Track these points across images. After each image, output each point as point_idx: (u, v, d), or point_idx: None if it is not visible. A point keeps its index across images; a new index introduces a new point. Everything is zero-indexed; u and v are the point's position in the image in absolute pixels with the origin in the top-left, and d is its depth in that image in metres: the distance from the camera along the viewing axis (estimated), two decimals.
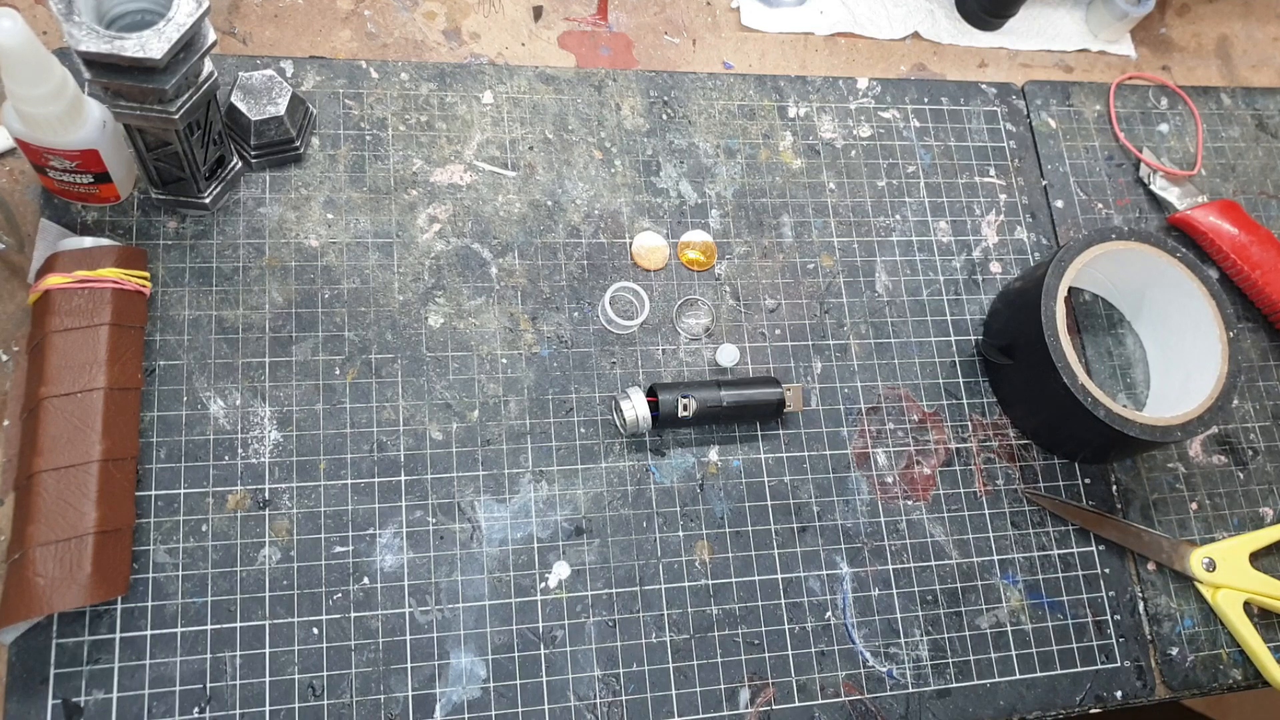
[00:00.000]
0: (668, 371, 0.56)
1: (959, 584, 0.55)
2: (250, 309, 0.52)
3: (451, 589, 0.49)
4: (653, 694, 0.50)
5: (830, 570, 0.54)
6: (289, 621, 0.47)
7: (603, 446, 0.54)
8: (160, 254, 0.52)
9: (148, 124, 0.45)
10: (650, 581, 0.52)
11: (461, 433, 0.52)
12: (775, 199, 0.61)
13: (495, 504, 0.51)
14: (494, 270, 0.56)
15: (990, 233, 0.64)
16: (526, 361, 0.54)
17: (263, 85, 0.53)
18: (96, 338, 0.46)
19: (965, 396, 0.60)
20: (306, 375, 0.52)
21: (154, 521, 0.47)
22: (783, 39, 0.67)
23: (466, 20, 0.62)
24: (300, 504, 0.49)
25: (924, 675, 0.53)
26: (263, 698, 0.46)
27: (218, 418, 0.50)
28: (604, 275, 0.57)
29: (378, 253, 0.55)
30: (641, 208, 0.59)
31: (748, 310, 0.58)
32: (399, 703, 0.47)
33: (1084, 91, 0.70)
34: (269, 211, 0.54)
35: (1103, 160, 0.68)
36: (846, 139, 0.64)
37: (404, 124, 0.57)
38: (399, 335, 0.53)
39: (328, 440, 0.51)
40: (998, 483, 0.58)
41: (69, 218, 0.51)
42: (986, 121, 0.67)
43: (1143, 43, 0.73)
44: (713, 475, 0.55)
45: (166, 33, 0.41)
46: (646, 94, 0.62)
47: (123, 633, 0.46)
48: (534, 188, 0.58)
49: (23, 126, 0.45)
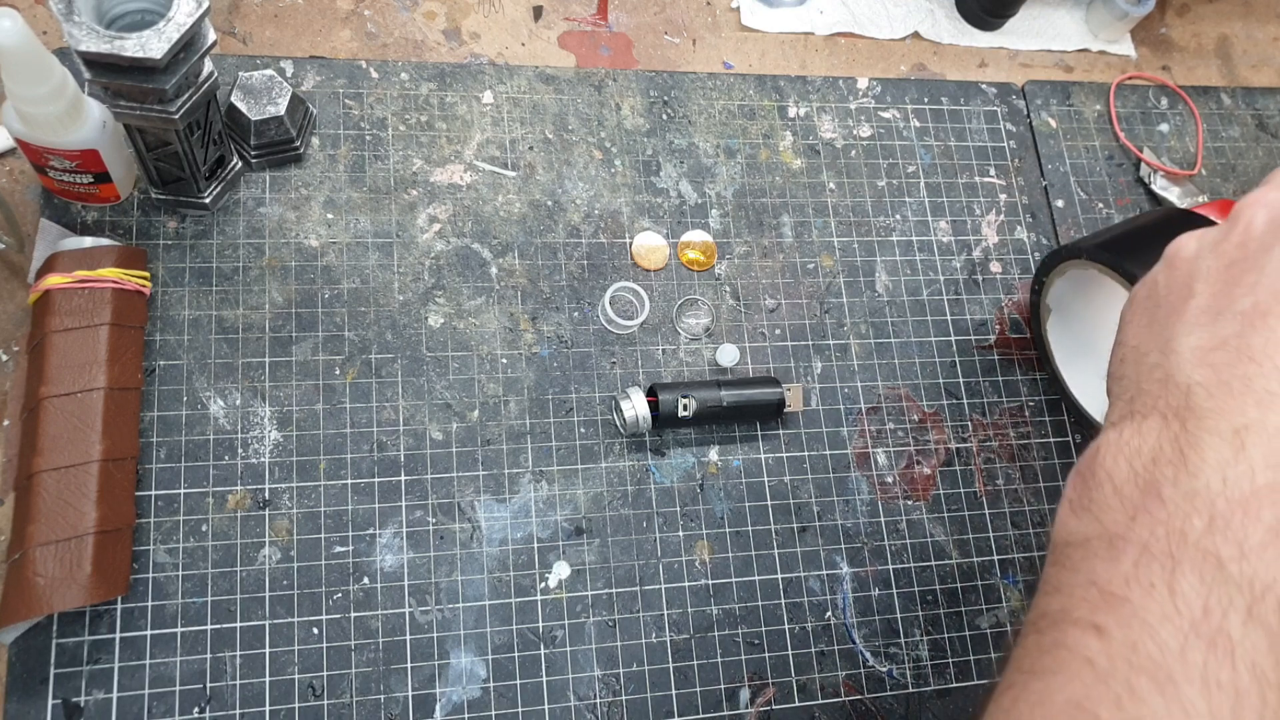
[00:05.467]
0: (668, 371, 0.56)
1: (959, 584, 0.55)
2: (250, 309, 0.52)
3: (451, 589, 0.49)
4: (653, 694, 0.50)
5: (830, 570, 0.54)
6: (289, 621, 0.47)
7: (603, 446, 0.54)
8: (160, 254, 0.52)
9: (148, 124, 0.45)
10: (650, 581, 0.52)
11: (461, 433, 0.52)
12: (775, 199, 0.61)
13: (495, 504, 0.51)
14: (494, 270, 0.56)
15: (990, 233, 0.64)
16: (526, 361, 0.54)
17: (263, 85, 0.53)
18: (96, 338, 0.46)
19: (965, 396, 0.60)
20: (306, 375, 0.52)
21: (154, 521, 0.47)
22: (783, 39, 0.67)
23: (466, 20, 0.62)
24: (300, 504, 0.49)
25: (924, 675, 0.53)
26: (263, 698, 0.46)
27: (218, 418, 0.50)
28: (604, 275, 0.57)
29: (378, 253, 0.55)
30: (641, 208, 0.59)
31: (748, 310, 0.58)
32: (399, 703, 0.47)
33: (1084, 91, 0.70)
34: (269, 211, 0.54)
35: (1103, 160, 0.68)
36: (846, 139, 0.64)
37: (404, 124, 0.57)
38: (399, 335, 0.53)
39: (328, 440, 0.51)
40: (998, 483, 0.58)
41: (69, 218, 0.51)
42: (986, 121, 0.67)
43: (1143, 43, 0.73)
44: (713, 475, 0.55)
45: (166, 33, 0.41)
46: (646, 94, 0.62)
47: (123, 633, 0.46)
48: (534, 188, 0.58)
49: (23, 126, 0.45)
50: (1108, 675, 0.29)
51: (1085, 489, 0.34)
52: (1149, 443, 0.33)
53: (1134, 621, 0.30)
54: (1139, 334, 0.37)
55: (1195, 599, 0.29)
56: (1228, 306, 0.34)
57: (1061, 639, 0.31)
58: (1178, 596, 0.29)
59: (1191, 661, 0.28)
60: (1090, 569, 0.32)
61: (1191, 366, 0.34)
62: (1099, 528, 0.33)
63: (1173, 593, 0.30)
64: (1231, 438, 0.31)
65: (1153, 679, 0.28)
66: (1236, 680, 0.28)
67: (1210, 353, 0.33)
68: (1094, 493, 0.34)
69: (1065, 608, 0.32)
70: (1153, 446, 0.33)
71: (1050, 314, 0.59)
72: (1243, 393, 0.32)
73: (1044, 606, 0.33)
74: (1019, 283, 0.63)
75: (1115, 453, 0.34)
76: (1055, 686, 0.30)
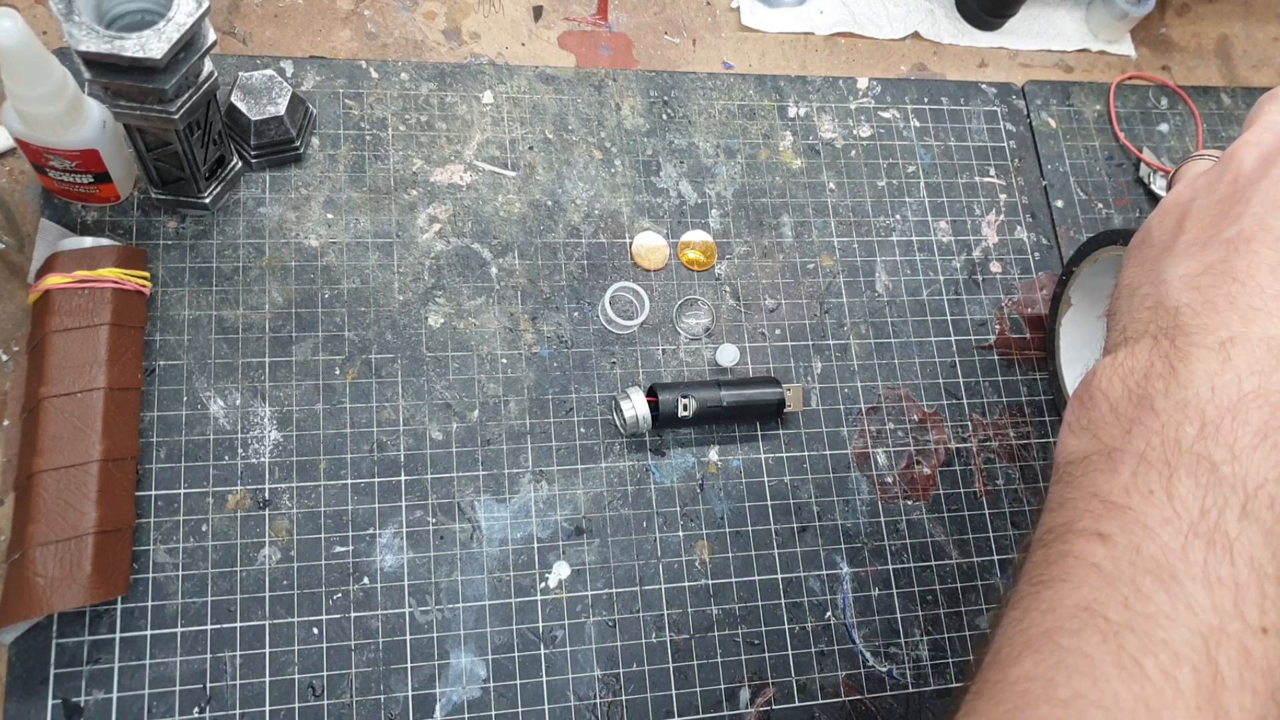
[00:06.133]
0: (668, 371, 0.56)
1: (959, 584, 0.55)
2: (250, 309, 0.52)
3: (451, 589, 0.49)
4: (653, 694, 0.50)
5: (830, 570, 0.54)
6: (289, 621, 0.47)
7: (603, 446, 0.54)
8: (160, 254, 0.52)
9: (148, 124, 0.45)
10: (650, 581, 0.52)
11: (461, 433, 0.52)
12: (775, 199, 0.61)
13: (495, 504, 0.51)
14: (494, 270, 0.56)
15: (990, 233, 0.64)
16: (526, 361, 0.54)
17: (263, 85, 0.53)
18: (96, 338, 0.46)
19: (965, 396, 0.60)
20: (306, 375, 0.52)
21: (154, 521, 0.47)
22: (783, 39, 0.67)
23: (466, 20, 0.62)
24: (300, 504, 0.49)
25: (924, 675, 0.53)
26: (263, 698, 0.46)
27: (218, 418, 0.50)
28: (604, 275, 0.57)
29: (378, 253, 0.55)
30: (641, 208, 0.59)
31: (748, 310, 0.58)
32: (399, 703, 0.47)
33: (1084, 91, 0.70)
34: (269, 211, 0.54)
35: (1103, 160, 0.68)
36: (846, 139, 0.64)
37: (404, 124, 0.57)
38: (399, 335, 0.53)
39: (328, 440, 0.51)
40: (998, 483, 0.58)
41: (69, 218, 0.51)
42: (986, 121, 0.67)
43: (1143, 43, 0.73)
44: (713, 475, 0.55)
45: (166, 33, 0.41)
46: (646, 94, 0.62)
47: (123, 633, 0.46)
48: (534, 188, 0.58)
49: (23, 126, 0.45)
50: (1113, 578, 0.30)
51: (1083, 410, 0.36)
52: (1141, 362, 0.35)
53: (1136, 526, 0.31)
54: (1133, 273, 0.39)
55: (1192, 501, 0.31)
56: (1215, 236, 0.36)
57: (1068, 549, 0.32)
58: (1175, 500, 0.31)
59: (1192, 560, 0.30)
60: (1091, 482, 0.33)
61: (1179, 291, 0.35)
62: (1098, 444, 0.34)
63: (1171, 497, 0.31)
64: (1218, 350, 0.33)
65: (1157, 578, 0.30)
66: (1235, 574, 0.29)
67: (1197, 278, 0.35)
68: (1091, 413, 0.35)
69: (1070, 520, 0.33)
70: (1144, 365, 0.34)
71: (1070, 308, 0.59)
72: (1228, 309, 0.34)
73: (1049, 522, 0.34)
74: (1019, 283, 0.63)
75: (1110, 374, 0.35)
76: (1064, 593, 0.31)
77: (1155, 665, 0.28)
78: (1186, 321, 0.34)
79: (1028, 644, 0.31)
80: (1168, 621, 0.29)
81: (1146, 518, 0.31)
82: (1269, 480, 0.31)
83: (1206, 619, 0.29)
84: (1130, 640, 0.29)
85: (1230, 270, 0.35)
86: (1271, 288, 0.34)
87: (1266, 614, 0.29)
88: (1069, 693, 0.29)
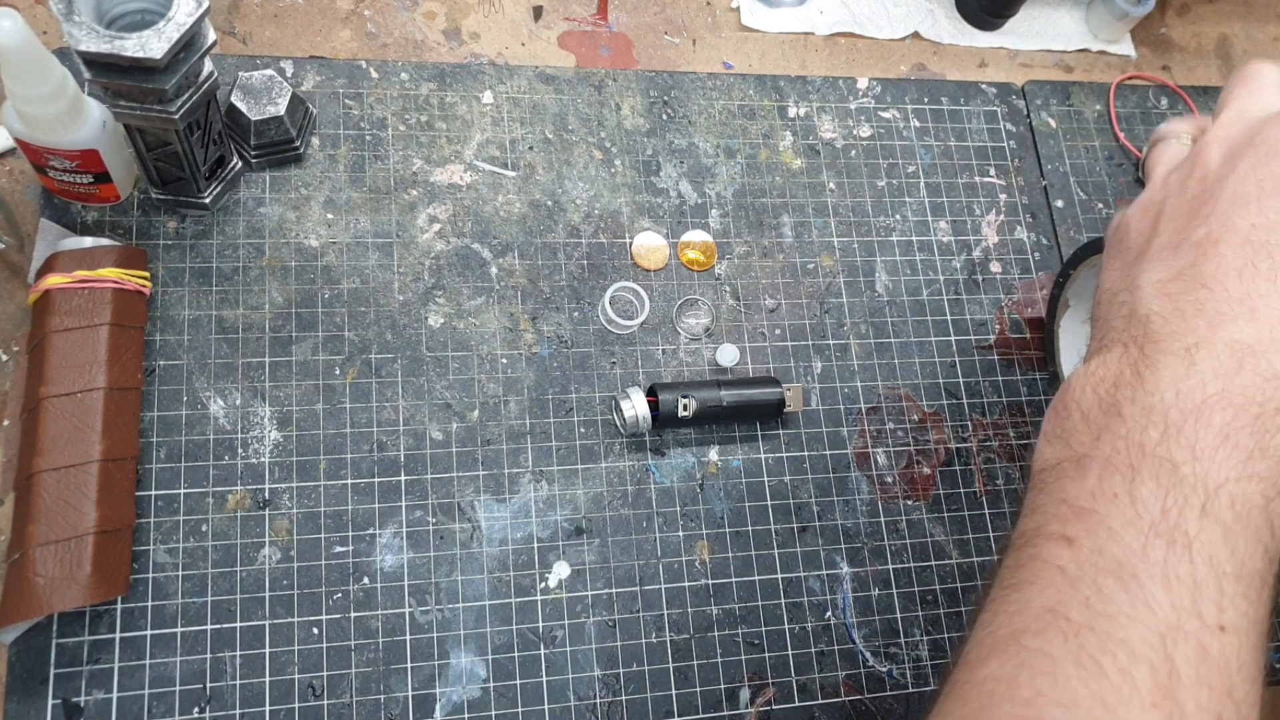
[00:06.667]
0: (668, 371, 0.56)
1: (959, 584, 0.56)
2: (250, 309, 0.52)
3: (451, 589, 0.49)
4: (653, 694, 0.50)
5: (830, 570, 0.54)
6: (289, 621, 0.47)
7: (603, 446, 0.54)
8: (160, 254, 0.52)
9: (148, 124, 0.45)
10: (650, 581, 0.52)
11: (461, 433, 0.52)
12: (775, 199, 0.61)
13: (495, 504, 0.51)
14: (494, 270, 0.56)
15: (990, 233, 0.64)
16: (526, 361, 0.54)
17: (263, 85, 0.53)
18: (96, 338, 0.46)
19: (965, 396, 0.60)
20: (306, 375, 0.52)
21: (154, 521, 0.47)
22: (783, 39, 0.67)
23: (466, 20, 0.62)
24: (300, 504, 0.49)
25: (924, 675, 0.53)
26: (263, 698, 0.46)
27: (218, 418, 0.50)
28: (604, 275, 0.57)
29: (378, 253, 0.55)
30: (641, 208, 0.59)
31: (748, 310, 0.58)
32: (399, 703, 0.47)
33: (1084, 91, 0.70)
34: (269, 211, 0.54)
35: (1103, 160, 0.68)
36: (846, 139, 0.64)
37: (404, 124, 0.57)
38: (399, 335, 0.53)
39: (328, 440, 0.51)
40: (998, 483, 0.58)
41: (69, 218, 0.51)
42: (986, 121, 0.67)
43: (1143, 43, 0.73)
44: (713, 475, 0.55)
45: (166, 33, 0.41)
46: (646, 94, 0.62)
47: (123, 633, 0.46)
48: (534, 188, 0.58)
49: (23, 126, 0.45)
50: (1077, 580, 0.31)
51: (1057, 419, 0.37)
52: (1111, 370, 0.35)
53: (1100, 529, 0.32)
54: (1112, 277, 0.40)
55: (1154, 502, 0.31)
56: (1185, 239, 0.37)
57: (1036, 553, 0.33)
58: (1138, 502, 0.32)
59: (1152, 559, 0.30)
60: (1061, 488, 0.34)
61: (1151, 298, 0.36)
62: (1069, 451, 0.35)
63: (1134, 499, 0.32)
64: (1184, 355, 0.34)
65: (1118, 578, 0.31)
66: (1194, 572, 0.30)
67: (1168, 284, 0.36)
68: (1064, 422, 0.36)
69: (1039, 525, 0.34)
70: (1114, 373, 0.35)
71: (1068, 310, 0.59)
72: (1195, 315, 0.34)
73: (1021, 527, 0.35)
74: (1019, 283, 0.63)
75: (1082, 383, 0.36)
76: (1030, 595, 0.32)
77: (1113, 664, 0.29)
78: (1156, 330, 0.35)
79: (994, 646, 0.32)
80: (1127, 621, 0.30)
81: (1110, 520, 0.32)
82: (1229, 480, 0.31)
83: (1165, 617, 0.29)
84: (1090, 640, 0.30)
85: (1199, 275, 0.35)
86: (1237, 291, 0.34)
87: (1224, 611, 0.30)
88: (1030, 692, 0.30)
